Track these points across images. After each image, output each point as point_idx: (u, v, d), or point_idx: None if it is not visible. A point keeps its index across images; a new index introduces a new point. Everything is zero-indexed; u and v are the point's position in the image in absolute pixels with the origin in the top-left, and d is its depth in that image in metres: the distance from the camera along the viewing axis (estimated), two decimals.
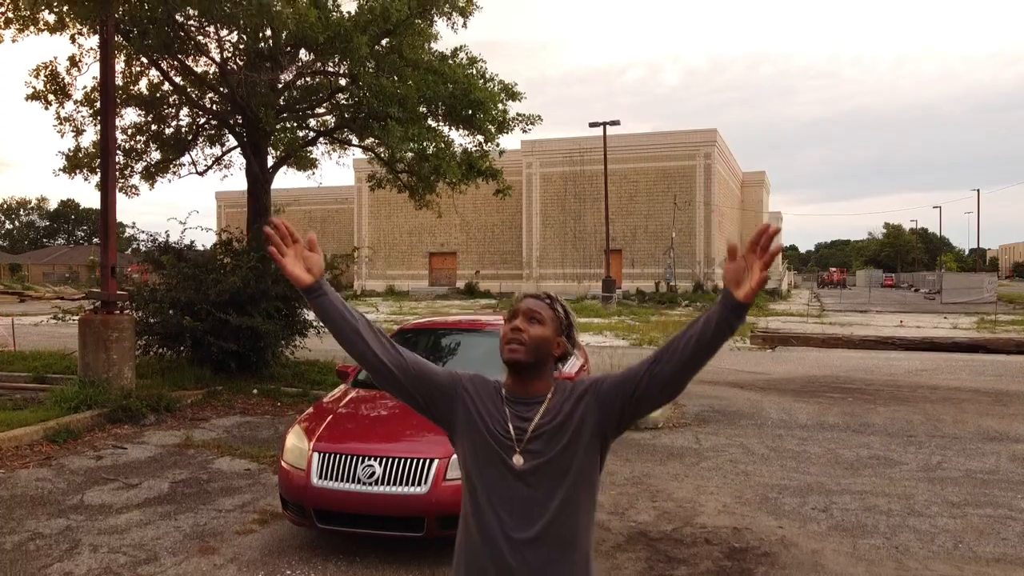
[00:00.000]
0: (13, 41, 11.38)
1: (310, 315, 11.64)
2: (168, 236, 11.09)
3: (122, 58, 9.86)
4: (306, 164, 10.09)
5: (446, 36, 10.71)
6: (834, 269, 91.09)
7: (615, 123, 34.09)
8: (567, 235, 45.45)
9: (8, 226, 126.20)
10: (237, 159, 13.03)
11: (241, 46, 8.94)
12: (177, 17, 8.29)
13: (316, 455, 4.94)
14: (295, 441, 5.18)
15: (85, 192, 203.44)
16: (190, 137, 12.02)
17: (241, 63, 9.12)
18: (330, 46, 8.52)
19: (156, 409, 9.15)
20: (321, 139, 11.87)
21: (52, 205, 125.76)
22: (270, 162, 11.85)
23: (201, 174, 12.89)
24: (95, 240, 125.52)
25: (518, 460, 2.06)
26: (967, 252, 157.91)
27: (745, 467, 7.25)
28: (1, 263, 78.93)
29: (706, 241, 42.77)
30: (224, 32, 9.02)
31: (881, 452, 7.81)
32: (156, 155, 12.32)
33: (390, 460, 4.81)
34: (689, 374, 2.06)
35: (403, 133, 8.96)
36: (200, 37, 9.17)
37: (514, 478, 2.05)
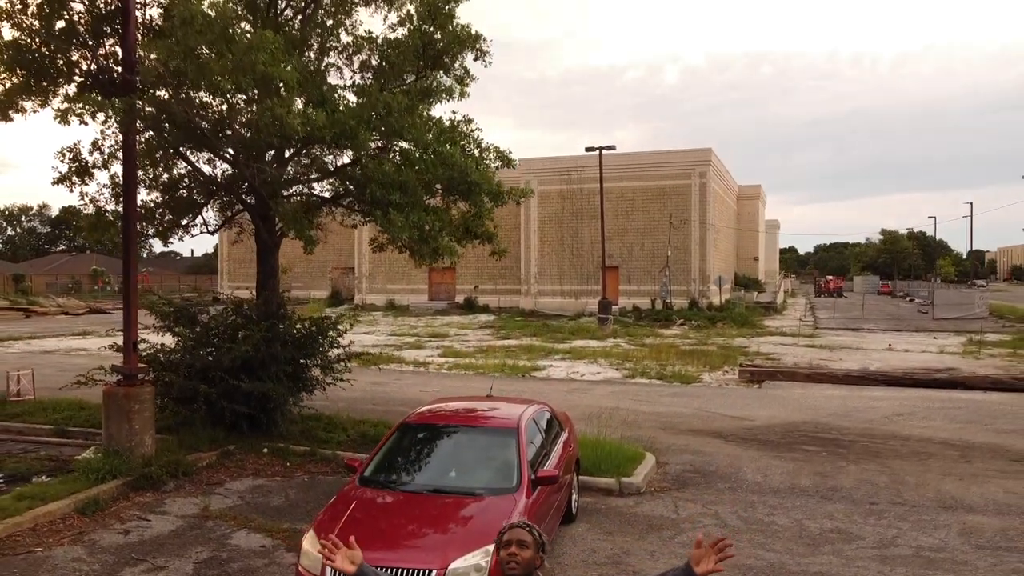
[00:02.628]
0: (35, 112, 12.12)
1: (316, 372, 12.34)
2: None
3: (140, 144, 10.54)
4: (311, 238, 10.73)
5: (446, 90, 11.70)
6: (831, 277, 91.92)
7: (610, 148, 34.82)
8: (564, 252, 46.13)
9: (10, 232, 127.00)
10: (246, 216, 13.74)
11: (253, 143, 9.56)
12: (197, 119, 8.99)
13: (329, 566, 5.62)
14: (310, 547, 5.87)
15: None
16: (202, 200, 12.70)
17: (254, 153, 9.80)
18: (336, 142, 9.26)
19: (175, 475, 9.84)
20: (325, 206, 12.58)
21: (53, 212, 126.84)
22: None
23: (212, 233, 13.59)
24: (97, 246, 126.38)
25: None
26: (965, 255, 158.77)
27: None
28: (4, 273, 79.38)
29: (701, 258, 43.47)
30: (239, 127, 9.67)
31: (843, 524, 8.50)
32: (169, 216, 13.00)
33: (394, 571, 5.50)
34: None
35: (404, 221, 9.69)
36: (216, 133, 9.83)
37: None
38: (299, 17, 11.70)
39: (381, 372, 21.12)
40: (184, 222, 12.89)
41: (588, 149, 35.27)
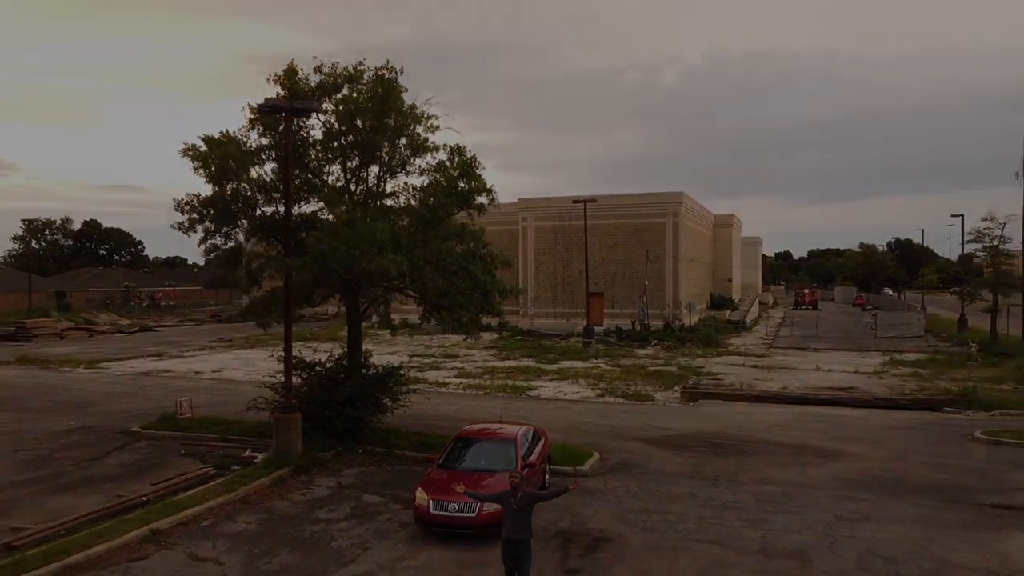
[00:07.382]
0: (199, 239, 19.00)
1: (387, 401, 19.21)
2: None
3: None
4: (393, 325, 17.66)
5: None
6: (807, 290, 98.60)
7: (592, 200, 41.89)
8: (557, 279, 53.11)
9: (34, 244, 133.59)
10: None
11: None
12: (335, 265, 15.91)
13: (431, 500, 12.55)
14: (420, 494, 12.79)
15: (102, 209, 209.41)
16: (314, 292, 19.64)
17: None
18: (412, 276, 16.15)
19: (314, 465, 16.77)
20: (394, 292, 19.55)
21: (75, 225, 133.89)
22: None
23: (314, 306, 20.53)
24: (115, 257, 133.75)
25: (514, 506, 10.19)
26: (957, 259, 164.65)
27: (620, 500, 14.83)
28: (44, 289, 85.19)
29: (675, 286, 50.42)
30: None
31: (694, 491, 15.39)
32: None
33: (459, 504, 12.41)
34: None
35: (450, 318, 16.63)
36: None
37: (512, 512, 10.19)
38: (374, 178, 18.73)
39: (420, 393, 28.03)
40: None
41: (576, 200, 42.30)
